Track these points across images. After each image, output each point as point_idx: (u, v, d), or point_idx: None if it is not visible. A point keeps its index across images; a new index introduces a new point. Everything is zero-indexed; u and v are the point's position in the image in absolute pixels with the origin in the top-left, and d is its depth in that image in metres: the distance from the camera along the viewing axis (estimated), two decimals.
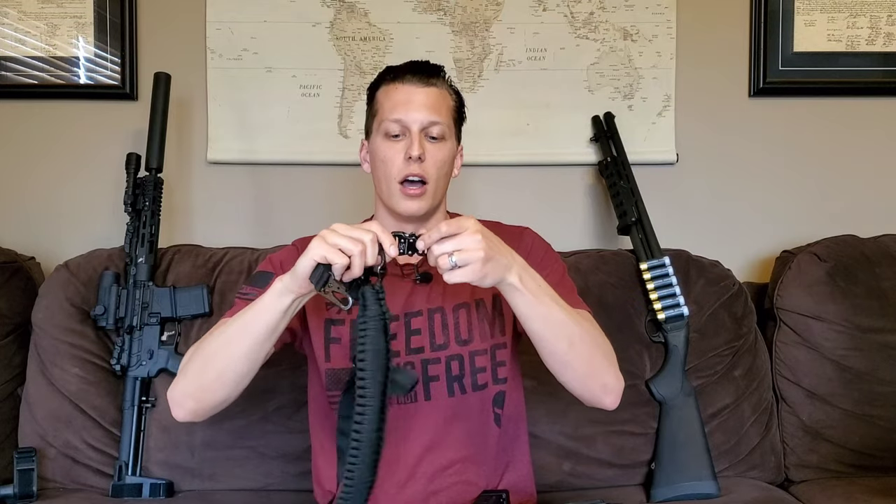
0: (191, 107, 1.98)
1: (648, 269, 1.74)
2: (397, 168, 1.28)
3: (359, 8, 1.96)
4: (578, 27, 1.98)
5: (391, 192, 1.30)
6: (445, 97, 1.33)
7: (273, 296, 1.11)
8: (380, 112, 1.32)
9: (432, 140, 1.30)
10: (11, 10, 1.95)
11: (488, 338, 1.32)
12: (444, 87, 1.33)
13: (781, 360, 1.78)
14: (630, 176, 1.86)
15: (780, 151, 2.02)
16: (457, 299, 1.32)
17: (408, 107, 1.29)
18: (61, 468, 1.63)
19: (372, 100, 1.36)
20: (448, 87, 1.35)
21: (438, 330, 1.31)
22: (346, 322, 1.31)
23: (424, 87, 1.30)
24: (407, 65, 1.33)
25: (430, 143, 1.29)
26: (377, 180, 1.34)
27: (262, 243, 1.84)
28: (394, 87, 1.31)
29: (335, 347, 1.31)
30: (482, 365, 1.31)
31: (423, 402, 1.29)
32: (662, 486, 1.63)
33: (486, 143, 1.97)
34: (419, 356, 1.29)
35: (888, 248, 1.81)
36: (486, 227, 1.18)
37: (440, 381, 1.29)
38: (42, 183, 1.98)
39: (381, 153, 1.30)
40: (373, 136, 1.34)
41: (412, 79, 1.30)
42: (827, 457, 1.73)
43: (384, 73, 1.35)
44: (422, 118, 1.28)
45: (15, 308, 1.73)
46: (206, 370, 1.18)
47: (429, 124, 1.29)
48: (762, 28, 1.99)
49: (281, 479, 1.64)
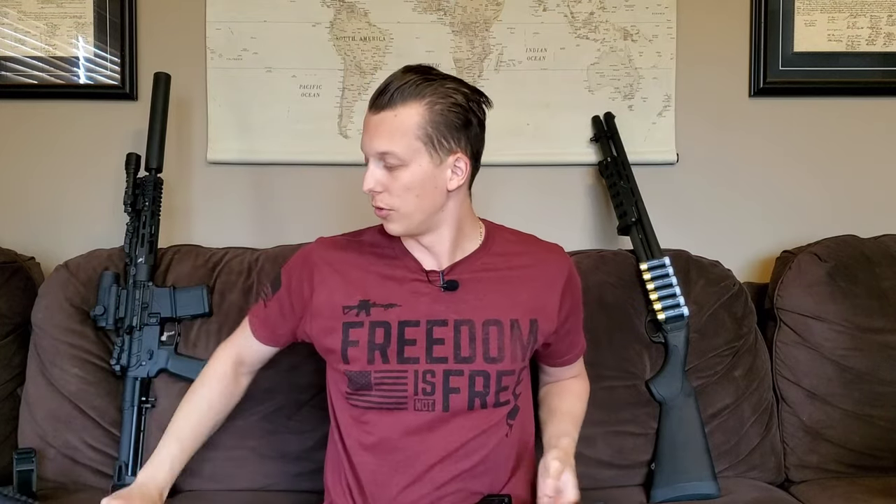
0: (191, 107, 1.98)
1: (648, 270, 1.74)
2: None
3: (359, 8, 1.96)
4: (578, 27, 1.98)
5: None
6: (403, 118, 1.21)
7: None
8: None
9: (388, 169, 1.24)
10: (11, 10, 1.95)
11: (519, 360, 1.31)
12: (401, 106, 1.21)
13: (781, 361, 1.78)
14: (630, 176, 1.86)
15: (780, 151, 2.02)
16: (488, 314, 1.30)
17: (364, 136, 1.26)
18: (61, 468, 1.63)
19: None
20: (411, 100, 1.22)
21: (465, 343, 1.29)
22: (365, 325, 1.30)
23: (377, 114, 1.23)
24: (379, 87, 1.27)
25: (388, 172, 1.24)
26: None
27: (262, 243, 1.84)
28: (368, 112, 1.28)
29: (353, 350, 1.29)
30: (507, 384, 1.30)
31: (440, 412, 1.28)
32: (662, 487, 1.63)
33: (486, 143, 1.96)
34: (442, 366, 1.28)
35: (888, 248, 1.81)
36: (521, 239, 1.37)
37: (461, 393, 1.28)
38: (42, 183, 1.98)
39: None
40: None
41: (372, 102, 1.25)
42: (827, 457, 1.73)
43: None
44: (372, 148, 1.24)
45: (15, 308, 1.73)
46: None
47: (379, 155, 1.24)
48: (762, 28, 1.98)
49: (281, 480, 1.63)
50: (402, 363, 1.28)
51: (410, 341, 1.28)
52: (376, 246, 1.37)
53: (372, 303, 1.30)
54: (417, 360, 1.28)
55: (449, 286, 1.31)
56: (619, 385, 1.70)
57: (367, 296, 1.31)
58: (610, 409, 1.67)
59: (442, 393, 1.27)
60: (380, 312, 1.30)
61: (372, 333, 1.29)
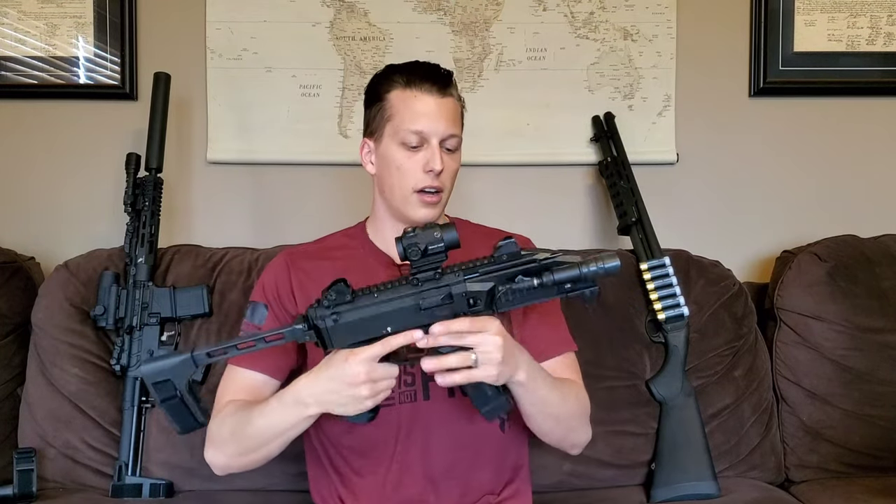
0: (191, 107, 1.98)
1: (649, 270, 1.74)
2: (415, 178, 1.28)
3: (359, 8, 1.96)
4: (578, 27, 1.98)
5: (406, 200, 1.30)
6: (457, 107, 1.33)
7: (308, 419, 1.19)
8: (395, 119, 1.29)
9: (448, 151, 1.31)
10: (11, 10, 1.95)
11: None
12: (456, 95, 1.33)
13: (781, 360, 1.78)
14: (630, 176, 1.86)
15: (780, 151, 2.02)
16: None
17: (430, 119, 1.28)
18: (61, 468, 1.63)
19: (379, 100, 1.32)
20: (457, 92, 1.34)
21: None
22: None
23: (443, 98, 1.29)
24: (420, 70, 1.31)
25: (447, 154, 1.30)
26: (387, 185, 1.32)
27: (262, 243, 1.84)
28: (412, 95, 1.28)
29: None
30: None
31: (422, 401, 1.29)
32: (662, 487, 1.63)
33: (486, 143, 1.96)
34: (419, 355, 1.28)
35: (888, 248, 1.81)
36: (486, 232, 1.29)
37: None
38: (42, 183, 1.98)
39: (396, 161, 1.29)
40: (385, 141, 1.31)
41: (431, 88, 1.29)
42: (827, 457, 1.73)
43: (394, 75, 1.31)
44: (442, 131, 1.28)
45: (15, 308, 1.73)
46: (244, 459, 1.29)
47: (448, 137, 1.29)
48: (762, 28, 1.98)
49: (281, 480, 1.63)
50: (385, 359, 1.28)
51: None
52: (344, 248, 1.38)
53: None
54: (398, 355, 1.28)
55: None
56: (619, 385, 1.70)
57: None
58: (610, 409, 1.67)
59: (421, 382, 1.28)
60: None
61: None
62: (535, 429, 1.30)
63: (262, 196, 2.00)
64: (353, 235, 1.41)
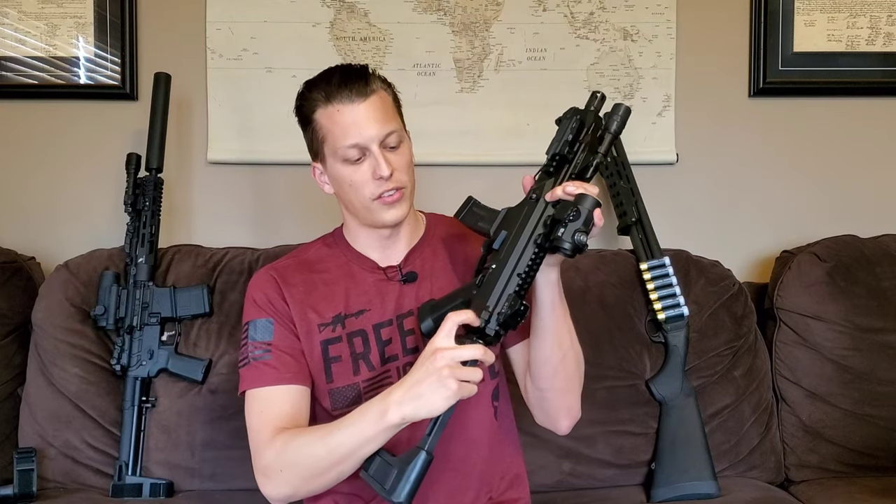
0: (191, 107, 1.98)
1: (648, 269, 1.74)
2: (369, 189, 1.25)
3: (359, 8, 1.96)
4: (578, 27, 1.98)
5: (370, 210, 1.27)
6: (384, 98, 1.26)
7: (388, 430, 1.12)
8: (329, 139, 1.25)
9: (392, 149, 1.25)
10: (11, 10, 1.95)
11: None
12: (378, 86, 1.26)
13: (781, 360, 1.78)
14: (630, 176, 1.86)
15: (780, 151, 2.02)
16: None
17: (360, 127, 1.22)
18: (61, 468, 1.64)
19: (309, 122, 1.28)
20: (380, 82, 1.27)
21: None
22: (343, 339, 1.29)
23: (367, 100, 1.23)
24: (335, 79, 1.25)
25: (392, 153, 1.25)
26: (347, 202, 1.30)
27: (262, 243, 1.84)
28: (335, 110, 1.23)
29: (336, 366, 1.29)
30: None
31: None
32: (662, 486, 1.63)
33: (486, 143, 1.97)
34: (416, 355, 1.28)
35: (888, 248, 1.81)
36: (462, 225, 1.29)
37: None
38: (42, 183, 1.98)
39: (346, 178, 1.26)
40: (329, 161, 1.28)
41: (350, 95, 1.23)
42: (827, 457, 1.73)
43: (313, 93, 1.27)
44: (376, 134, 1.23)
45: (15, 308, 1.73)
46: (312, 483, 1.19)
47: (385, 136, 1.24)
48: (762, 28, 1.98)
49: None
50: (385, 364, 1.29)
51: (387, 341, 1.29)
52: (325, 259, 1.36)
53: (344, 315, 1.30)
54: (396, 357, 1.29)
55: (408, 278, 1.32)
56: (619, 385, 1.70)
57: (336, 310, 1.30)
58: (610, 409, 1.67)
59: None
60: (353, 322, 1.30)
61: (351, 345, 1.29)
62: (541, 365, 1.25)
63: (262, 196, 2.00)
64: (332, 244, 1.38)
